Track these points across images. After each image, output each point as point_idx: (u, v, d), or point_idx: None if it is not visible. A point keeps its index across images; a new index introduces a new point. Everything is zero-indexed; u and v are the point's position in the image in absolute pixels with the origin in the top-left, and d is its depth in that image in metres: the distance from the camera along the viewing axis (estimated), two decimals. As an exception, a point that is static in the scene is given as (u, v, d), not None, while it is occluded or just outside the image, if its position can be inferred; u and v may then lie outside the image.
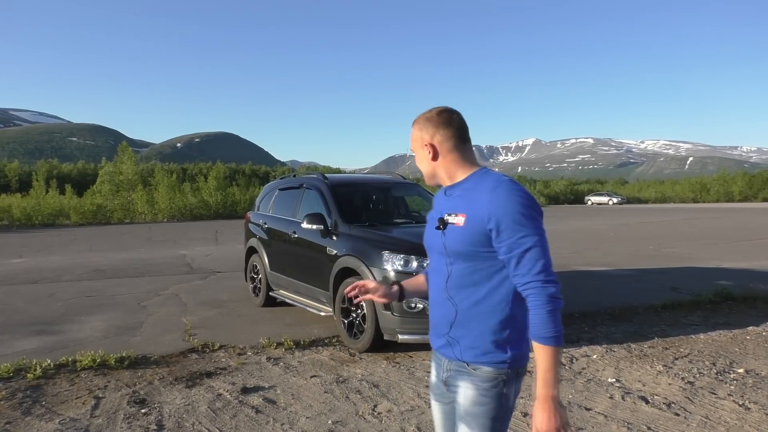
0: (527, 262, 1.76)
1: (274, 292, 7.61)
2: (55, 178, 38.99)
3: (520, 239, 1.76)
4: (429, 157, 1.99)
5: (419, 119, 2.02)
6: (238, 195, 36.81)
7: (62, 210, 29.88)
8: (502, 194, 1.79)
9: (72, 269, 11.60)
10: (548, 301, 1.75)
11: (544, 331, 1.75)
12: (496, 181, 1.85)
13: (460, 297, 1.91)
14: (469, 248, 1.85)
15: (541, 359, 1.76)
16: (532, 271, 1.76)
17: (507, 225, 1.77)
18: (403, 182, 8.05)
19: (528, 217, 1.77)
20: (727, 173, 71.67)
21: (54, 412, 4.18)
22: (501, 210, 1.77)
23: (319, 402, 4.36)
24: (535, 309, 1.76)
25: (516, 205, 1.77)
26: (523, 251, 1.76)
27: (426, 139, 1.99)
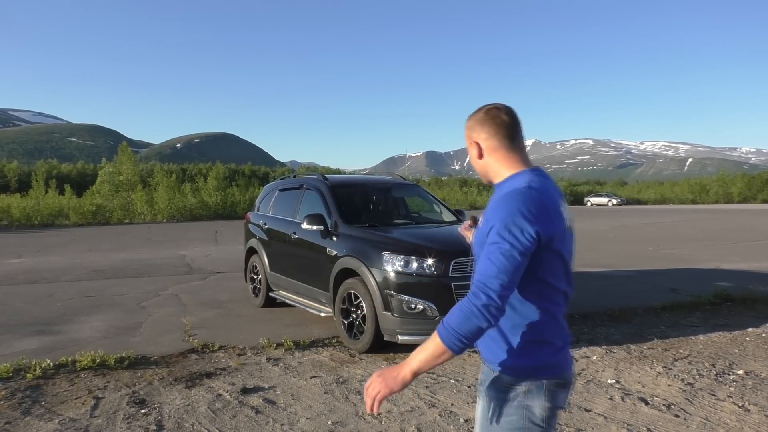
0: (482, 265, 1.72)
1: (274, 293, 7.61)
2: (55, 178, 38.97)
3: (492, 243, 1.72)
4: (475, 155, 1.96)
5: (470, 117, 1.99)
6: (238, 195, 36.80)
7: (62, 210, 29.85)
8: (502, 200, 1.78)
9: (71, 269, 11.59)
10: (471, 307, 1.66)
11: (448, 324, 1.69)
12: (509, 187, 1.83)
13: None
14: (478, 249, 1.84)
15: (429, 342, 1.75)
16: (481, 274, 1.70)
17: (492, 227, 1.75)
18: (402, 183, 8.05)
19: (509, 227, 1.71)
20: (727, 174, 71.70)
21: (53, 412, 4.18)
22: (495, 213, 1.76)
23: (319, 402, 4.36)
24: (459, 305, 1.70)
25: (507, 213, 1.73)
26: (487, 253, 1.72)
27: (473, 137, 1.96)
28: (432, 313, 5.28)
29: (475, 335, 1.68)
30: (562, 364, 1.86)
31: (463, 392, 4.57)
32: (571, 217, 1.94)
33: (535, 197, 1.76)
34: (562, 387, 1.87)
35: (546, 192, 1.81)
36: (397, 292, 5.33)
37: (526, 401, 1.83)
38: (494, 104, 1.96)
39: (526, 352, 1.81)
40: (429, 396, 4.48)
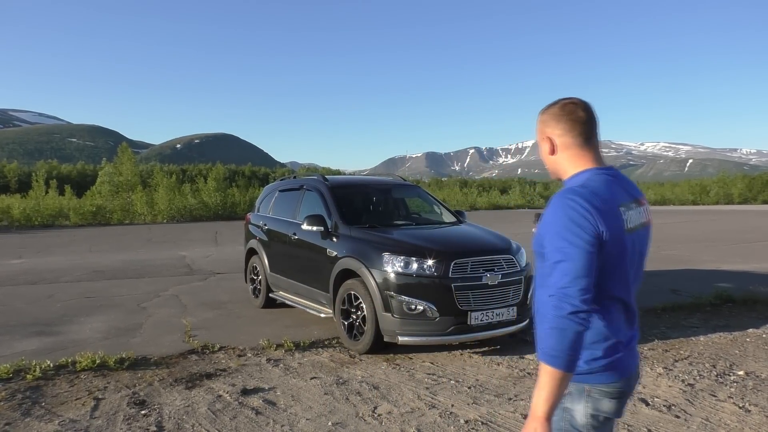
0: (555, 275, 1.67)
1: (274, 294, 7.61)
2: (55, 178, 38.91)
3: (556, 250, 1.69)
4: (547, 151, 1.91)
5: (544, 111, 1.92)
6: (238, 196, 36.76)
7: (62, 211, 29.81)
8: (555, 200, 1.75)
9: (71, 270, 11.59)
10: (556, 319, 1.63)
11: (547, 346, 1.65)
12: (564, 186, 1.80)
13: (536, 296, 1.87)
14: (537, 248, 1.82)
15: (541, 376, 1.67)
16: (555, 285, 1.66)
17: (549, 231, 1.72)
18: (403, 184, 8.05)
19: (568, 228, 1.68)
20: (727, 175, 71.64)
21: (53, 413, 4.18)
22: (549, 214, 1.74)
23: (319, 403, 4.35)
24: (547, 324, 1.66)
25: (561, 214, 1.70)
26: (555, 261, 1.69)
27: (546, 132, 1.90)
28: (432, 314, 5.28)
29: (578, 344, 1.64)
30: (608, 372, 1.80)
31: (464, 393, 4.56)
32: (642, 220, 1.86)
33: (585, 196, 1.72)
34: (609, 396, 1.81)
35: (599, 192, 1.75)
36: (397, 293, 5.33)
37: (567, 404, 1.82)
38: (571, 99, 1.89)
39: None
40: (429, 397, 4.48)
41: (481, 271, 5.46)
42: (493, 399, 4.45)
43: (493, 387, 4.73)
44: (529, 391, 4.62)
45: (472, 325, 5.38)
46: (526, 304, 5.79)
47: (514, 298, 5.63)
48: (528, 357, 5.58)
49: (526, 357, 5.58)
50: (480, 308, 5.41)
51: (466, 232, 6.49)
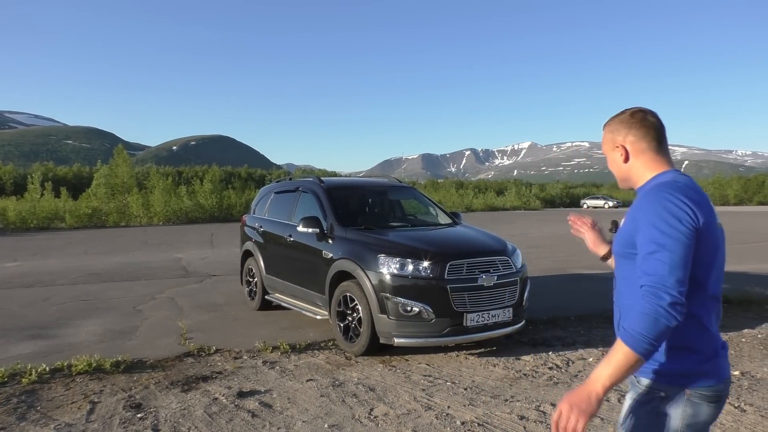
0: (651, 265, 1.65)
1: (270, 296, 7.60)
2: (51, 180, 38.86)
3: (650, 241, 1.67)
4: (621, 159, 1.92)
5: (611, 121, 1.95)
6: (234, 198, 36.74)
7: (57, 213, 29.75)
8: (650, 196, 1.74)
9: (67, 273, 11.56)
10: (656, 309, 1.60)
11: (633, 329, 1.61)
12: (655, 182, 1.81)
13: (620, 300, 1.87)
14: (624, 249, 1.81)
15: (614, 352, 1.63)
16: (652, 275, 1.64)
17: (644, 224, 1.70)
18: (398, 186, 8.06)
19: (664, 220, 1.67)
20: (723, 177, 71.99)
21: (49, 417, 4.17)
22: (644, 210, 1.73)
23: (315, 406, 4.35)
24: (640, 310, 1.63)
25: (658, 208, 1.69)
26: (649, 252, 1.67)
27: (618, 141, 1.92)
28: (428, 315, 5.28)
29: (664, 336, 1.61)
30: (709, 375, 1.75)
31: (460, 395, 4.57)
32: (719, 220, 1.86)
33: (682, 188, 1.73)
34: (708, 400, 1.75)
35: (694, 185, 1.78)
36: (392, 294, 5.33)
37: (661, 408, 1.76)
38: (638, 107, 1.93)
39: (667, 357, 1.75)
40: (425, 398, 4.48)
41: (477, 273, 5.46)
42: (490, 400, 4.45)
43: (490, 388, 4.74)
44: (525, 392, 4.63)
45: (468, 327, 5.39)
46: (521, 305, 5.80)
47: (509, 299, 5.64)
48: (524, 358, 5.58)
49: (522, 358, 5.59)
50: (476, 309, 5.41)
51: (462, 234, 6.50)
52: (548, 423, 4.00)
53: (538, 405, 4.34)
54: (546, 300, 7.98)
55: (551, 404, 4.35)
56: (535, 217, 34.91)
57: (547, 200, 62.57)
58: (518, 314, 5.76)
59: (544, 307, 7.53)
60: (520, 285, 5.76)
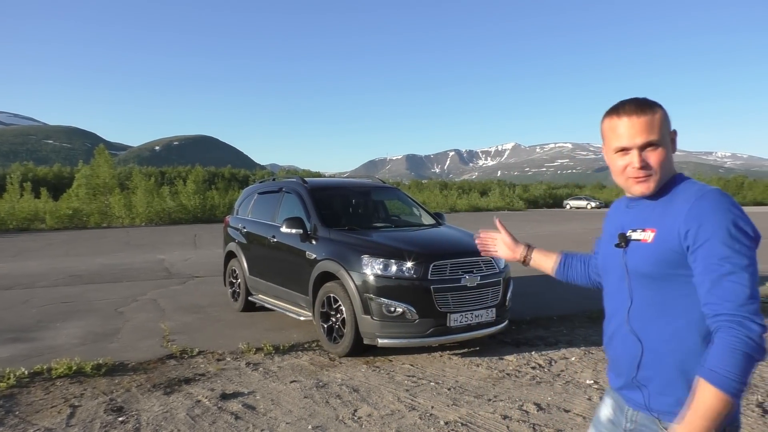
0: (727, 288, 1.41)
1: (254, 297, 7.57)
2: (30, 181, 38.32)
3: (722, 259, 1.42)
4: (672, 148, 1.63)
5: (656, 105, 1.61)
6: (217, 199, 36.52)
7: (37, 214, 29.35)
8: (708, 204, 1.48)
9: (47, 275, 11.41)
10: (746, 342, 1.36)
11: (724, 370, 1.36)
12: (702, 189, 1.53)
13: (647, 330, 1.58)
14: (659, 269, 1.54)
15: (703, 401, 1.38)
16: (732, 301, 1.40)
17: (708, 239, 1.44)
18: (382, 186, 8.07)
19: (738, 235, 1.43)
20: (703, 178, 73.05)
21: (28, 422, 4.11)
22: (704, 221, 1.45)
23: (299, 407, 4.34)
24: (725, 344, 1.38)
25: (724, 218, 1.44)
26: (723, 274, 1.42)
27: (668, 128, 1.62)
28: (411, 316, 5.29)
29: (752, 372, 1.39)
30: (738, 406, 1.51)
31: (444, 395, 4.58)
32: None
33: (733, 199, 1.51)
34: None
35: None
36: (376, 295, 5.34)
37: None
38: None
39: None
40: (409, 399, 4.49)
41: (460, 273, 5.48)
42: (473, 400, 4.47)
43: (473, 388, 4.76)
44: (508, 392, 4.66)
45: (452, 327, 5.41)
46: (504, 305, 5.84)
47: (492, 299, 5.67)
48: (507, 358, 5.62)
49: (506, 358, 5.62)
50: (459, 310, 5.44)
51: (445, 234, 6.52)
52: (531, 422, 4.03)
53: (521, 404, 4.37)
54: (529, 300, 8.03)
55: (534, 403, 4.38)
56: (519, 218, 35.14)
57: (530, 201, 62.98)
58: (501, 314, 5.80)
59: (527, 307, 7.58)
60: (503, 285, 5.80)
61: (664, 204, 1.58)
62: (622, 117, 1.60)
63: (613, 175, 1.69)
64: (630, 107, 1.60)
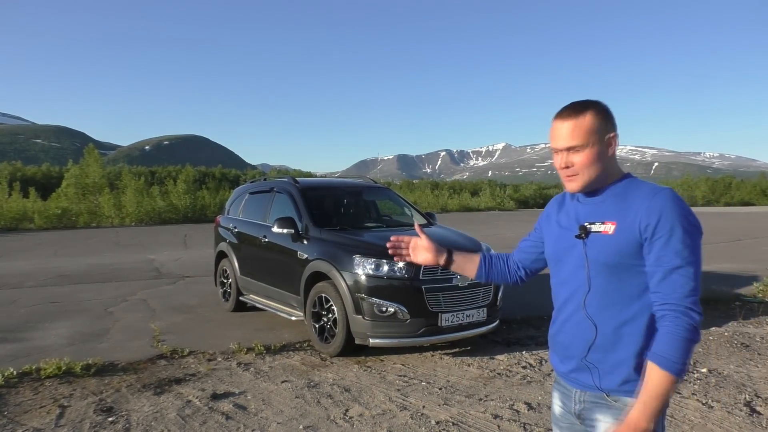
0: (676, 281, 1.58)
1: (245, 297, 7.55)
2: (19, 180, 38.04)
3: (674, 253, 1.58)
4: (610, 152, 1.73)
5: (598, 106, 1.73)
6: (208, 198, 36.37)
7: (26, 214, 29.10)
8: (663, 201, 1.62)
9: (36, 275, 11.32)
10: (689, 329, 1.55)
11: (671, 354, 1.54)
12: (657, 187, 1.68)
13: (603, 316, 1.70)
14: (619, 259, 1.67)
15: (654, 383, 1.55)
16: (678, 293, 1.57)
17: (664, 234, 1.59)
18: (374, 186, 8.07)
19: (689, 232, 1.59)
20: (691, 178, 73.58)
21: (17, 422, 4.08)
22: (662, 217, 1.60)
23: (290, 407, 4.34)
24: (671, 332, 1.56)
25: (680, 215, 1.59)
26: (673, 267, 1.58)
27: (611, 130, 1.72)
28: (403, 315, 5.30)
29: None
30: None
31: (435, 394, 4.59)
32: None
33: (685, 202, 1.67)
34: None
35: None
36: (368, 295, 5.34)
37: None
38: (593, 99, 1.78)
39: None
40: (400, 399, 4.49)
41: (451, 273, 5.50)
42: (464, 400, 4.48)
43: (464, 388, 4.77)
44: (499, 391, 4.67)
45: (443, 327, 5.42)
46: (495, 305, 5.85)
47: (484, 299, 5.68)
48: (498, 358, 5.63)
49: (497, 358, 5.64)
50: (450, 310, 5.45)
51: (437, 234, 6.53)
52: (522, 421, 4.04)
53: (512, 404, 4.38)
54: (519, 300, 8.06)
55: (525, 403, 4.39)
56: (509, 218, 35.26)
57: (521, 201, 63.12)
58: (492, 314, 5.81)
59: (517, 307, 7.61)
60: (494, 285, 5.81)
61: (620, 200, 1.71)
62: (555, 121, 1.75)
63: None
64: (563, 112, 1.74)
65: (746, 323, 7.01)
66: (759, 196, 68.97)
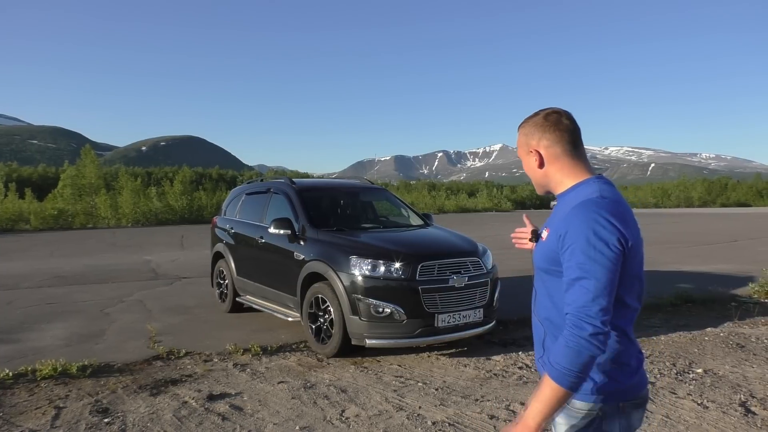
0: (575, 292, 1.61)
1: (241, 298, 7.54)
2: (15, 181, 37.98)
3: (577, 264, 1.60)
4: (536, 164, 1.81)
5: (525, 123, 1.83)
6: (205, 199, 36.36)
7: (22, 215, 29.07)
8: (576, 212, 1.65)
9: (32, 276, 11.30)
10: (575, 338, 1.57)
11: (560, 365, 1.58)
12: (580, 197, 1.69)
13: (542, 313, 1.81)
14: (548, 265, 1.73)
15: (543, 387, 1.61)
16: (576, 303, 1.59)
17: (570, 245, 1.62)
18: (371, 187, 8.07)
19: (596, 243, 1.59)
20: (687, 179, 73.77)
21: (12, 423, 4.07)
22: (570, 228, 1.63)
23: (287, 408, 4.33)
24: (561, 341, 1.60)
25: (587, 228, 1.61)
26: (575, 278, 1.61)
27: (532, 145, 1.81)
28: (399, 316, 5.30)
29: (589, 367, 1.58)
30: (639, 384, 1.77)
31: (431, 395, 4.59)
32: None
33: (610, 206, 1.65)
34: (638, 406, 1.77)
35: (620, 200, 1.71)
36: (364, 296, 5.34)
37: (602, 427, 1.72)
38: (553, 108, 1.82)
39: (602, 376, 1.70)
40: (397, 399, 4.49)
41: (448, 274, 5.50)
42: (460, 400, 4.49)
43: (461, 388, 4.77)
44: (496, 392, 4.68)
45: (440, 327, 5.42)
46: (492, 305, 5.86)
47: (480, 300, 5.69)
48: (495, 358, 5.64)
49: (493, 358, 5.64)
50: (447, 310, 5.45)
51: (433, 235, 6.54)
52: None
53: (508, 404, 4.39)
54: (516, 301, 8.06)
55: (521, 403, 4.40)
56: (506, 219, 35.27)
57: (518, 202, 63.21)
58: (489, 315, 5.82)
59: (514, 307, 7.61)
60: (491, 286, 5.82)
61: (560, 207, 1.78)
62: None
63: None
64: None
65: (742, 324, 7.03)
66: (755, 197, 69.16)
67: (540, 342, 1.84)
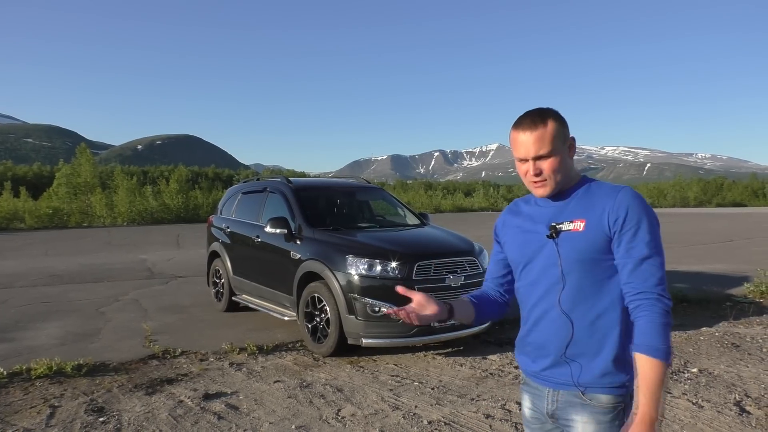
0: (646, 271, 1.65)
1: (237, 297, 7.54)
2: (10, 180, 37.89)
3: (644, 244, 1.65)
4: (569, 153, 1.81)
5: (555, 113, 1.79)
6: (201, 198, 36.32)
7: (17, 213, 28.98)
8: (628, 196, 1.71)
9: (27, 274, 11.26)
10: (665, 313, 1.62)
11: (658, 342, 1.59)
12: (618, 186, 1.77)
13: (578, 311, 1.74)
14: (590, 254, 1.72)
15: (650, 374, 1.59)
16: (650, 281, 1.64)
17: (631, 227, 1.67)
18: (367, 186, 8.07)
19: (653, 224, 1.68)
20: (683, 179, 74.05)
21: (7, 422, 4.06)
22: (630, 210, 1.67)
23: (283, 407, 4.33)
24: (649, 319, 1.61)
25: (643, 209, 1.68)
26: (642, 258, 1.65)
27: (568, 134, 1.80)
28: (395, 316, 5.29)
29: None
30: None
31: (427, 394, 4.60)
32: None
33: None
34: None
35: None
36: (361, 295, 5.34)
37: (624, 419, 1.72)
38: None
39: (625, 367, 1.71)
40: (393, 398, 4.50)
41: (444, 273, 5.50)
42: (456, 399, 4.49)
43: (456, 388, 4.78)
44: (491, 391, 4.68)
45: (436, 327, 5.42)
46: (488, 305, 5.86)
47: (476, 299, 5.68)
48: (490, 358, 5.64)
49: (489, 358, 5.65)
50: (443, 310, 5.44)
51: (430, 235, 6.54)
52: (513, 421, 4.05)
53: (504, 403, 4.39)
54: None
55: (517, 402, 4.40)
56: (503, 218, 35.32)
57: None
58: (485, 314, 5.82)
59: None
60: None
61: (584, 200, 1.77)
62: (519, 132, 1.78)
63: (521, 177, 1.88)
64: (525, 122, 1.77)
65: (737, 323, 7.05)
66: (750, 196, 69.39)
67: (564, 341, 1.76)
